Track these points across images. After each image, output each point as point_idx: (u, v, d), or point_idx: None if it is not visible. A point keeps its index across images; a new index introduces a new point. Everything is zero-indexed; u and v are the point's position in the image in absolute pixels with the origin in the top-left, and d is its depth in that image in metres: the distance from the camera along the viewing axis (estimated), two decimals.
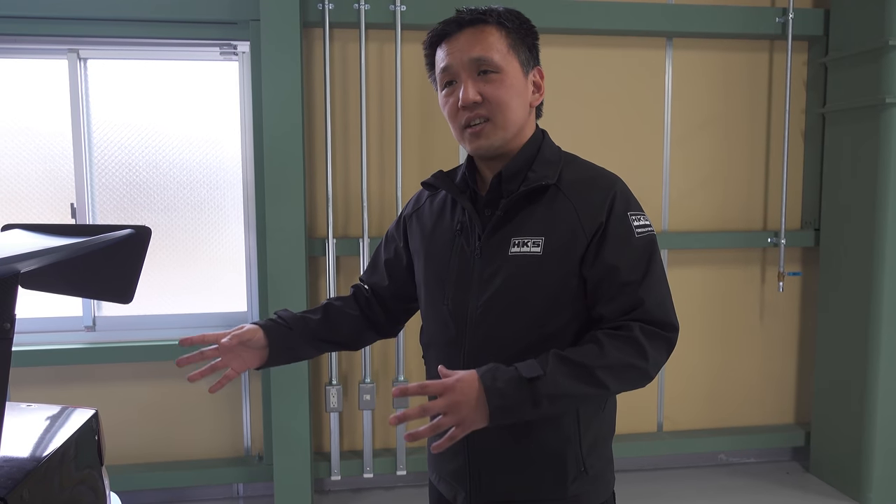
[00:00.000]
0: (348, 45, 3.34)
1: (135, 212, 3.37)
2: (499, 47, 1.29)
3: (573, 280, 1.28)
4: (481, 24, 1.30)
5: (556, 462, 1.32)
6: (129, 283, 1.89)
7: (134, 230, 1.82)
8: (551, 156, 1.36)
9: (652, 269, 1.28)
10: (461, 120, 1.31)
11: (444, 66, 1.32)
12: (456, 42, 1.30)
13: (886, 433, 3.31)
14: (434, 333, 1.42)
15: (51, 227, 1.90)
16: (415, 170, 3.44)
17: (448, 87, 1.33)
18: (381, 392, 3.49)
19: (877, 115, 3.20)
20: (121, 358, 3.30)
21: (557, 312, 1.29)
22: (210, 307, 3.47)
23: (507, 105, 1.29)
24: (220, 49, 3.29)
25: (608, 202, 1.28)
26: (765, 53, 3.68)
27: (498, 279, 1.30)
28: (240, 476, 3.42)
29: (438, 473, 1.48)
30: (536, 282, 1.28)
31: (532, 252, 1.28)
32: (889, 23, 3.12)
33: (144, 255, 1.94)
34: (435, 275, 1.41)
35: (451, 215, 1.41)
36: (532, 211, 1.30)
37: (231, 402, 3.48)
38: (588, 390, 1.20)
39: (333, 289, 3.33)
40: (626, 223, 1.28)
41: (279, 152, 3.11)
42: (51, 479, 1.46)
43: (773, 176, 3.75)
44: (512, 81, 1.30)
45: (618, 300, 1.26)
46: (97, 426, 1.80)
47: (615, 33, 3.49)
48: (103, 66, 3.30)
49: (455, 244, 1.38)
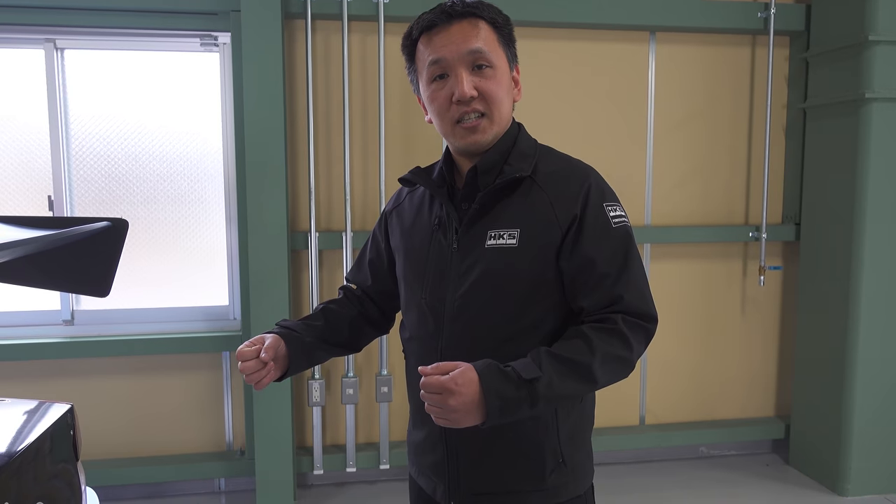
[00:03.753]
0: (331, 37, 3.31)
1: (114, 204, 3.33)
2: (492, 42, 1.29)
3: (550, 272, 1.29)
4: (474, 17, 1.28)
5: (534, 454, 1.33)
6: (106, 277, 1.87)
7: (111, 223, 1.79)
8: (527, 148, 1.36)
9: (630, 260, 1.29)
10: (454, 114, 1.30)
11: (435, 59, 1.29)
12: (447, 34, 1.28)
13: (863, 426, 3.34)
14: (413, 327, 1.42)
15: (27, 219, 1.87)
16: (398, 163, 3.43)
17: (439, 79, 1.31)
18: (363, 386, 3.48)
19: (856, 110, 3.23)
20: (100, 352, 3.26)
21: (535, 304, 1.29)
22: (191, 301, 3.44)
23: (501, 100, 1.30)
24: (201, 40, 3.25)
25: (583, 193, 1.29)
26: (747, 48, 3.70)
27: (475, 272, 1.30)
28: (222, 470, 3.39)
29: (418, 467, 1.48)
30: (513, 274, 1.28)
31: (508, 244, 1.28)
32: (869, 18, 3.15)
33: (121, 248, 1.91)
34: (413, 270, 1.42)
35: (430, 210, 1.42)
36: (508, 203, 1.31)
37: (213, 396, 3.46)
38: (581, 387, 1.22)
39: (316, 282, 3.31)
40: (603, 214, 1.29)
41: (261, 145, 3.08)
42: (24, 474, 1.43)
43: (754, 171, 3.77)
44: (503, 77, 1.30)
45: (597, 292, 1.27)
46: (73, 421, 1.78)
47: (599, 27, 3.49)
48: (81, 56, 3.25)
49: (433, 239, 1.38)
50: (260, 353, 1.31)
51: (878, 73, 3.15)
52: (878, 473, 3.38)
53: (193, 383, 3.43)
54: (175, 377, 3.41)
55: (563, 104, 3.54)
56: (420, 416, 1.42)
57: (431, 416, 1.16)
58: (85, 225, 1.67)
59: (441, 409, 1.13)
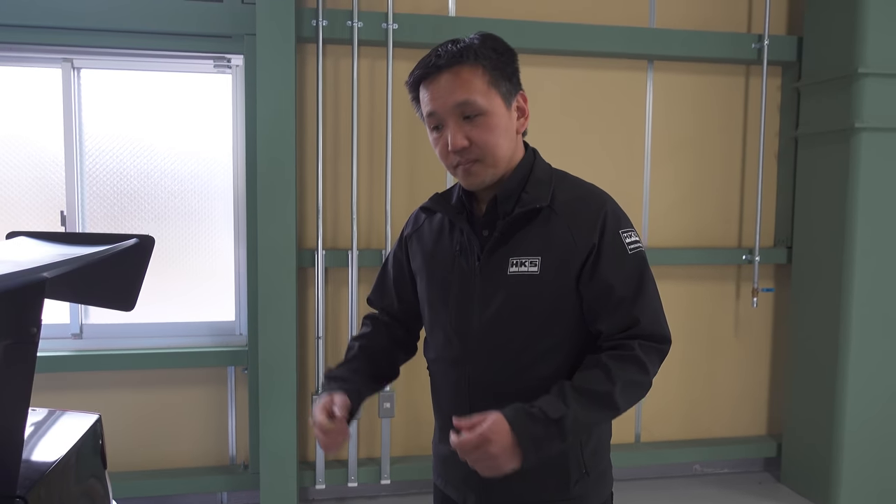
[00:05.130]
0: (341, 61, 3.41)
1: (125, 221, 3.40)
2: (479, 87, 1.30)
3: (570, 297, 1.35)
4: (458, 65, 1.30)
5: (559, 467, 1.39)
6: (132, 291, 1.94)
7: (138, 239, 1.87)
8: (543, 175, 1.41)
9: (645, 285, 1.35)
10: (452, 161, 1.35)
11: (429, 112, 1.34)
12: (437, 86, 1.32)
13: (854, 444, 3.44)
14: (438, 349, 1.48)
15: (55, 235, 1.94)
16: (403, 183, 3.52)
17: (436, 130, 1.36)
18: (366, 402, 3.53)
19: (846, 139, 3.36)
20: (108, 366, 3.31)
21: (556, 327, 1.35)
22: (198, 316, 3.50)
23: (494, 145, 1.33)
24: (214, 62, 3.34)
25: (600, 221, 1.34)
26: (741, 77, 3.83)
27: (498, 298, 1.36)
28: (225, 484, 3.43)
29: (445, 479, 1.54)
30: (535, 300, 1.34)
31: (530, 272, 1.33)
32: (858, 51, 3.29)
33: (147, 264, 1.99)
34: (437, 295, 1.46)
35: (450, 236, 1.45)
36: (528, 231, 1.35)
37: (217, 410, 3.51)
38: (605, 415, 1.31)
39: (322, 299, 3.38)
40: (619, 241, 1.34)
41: (272, 164, 3.16)
42: (64, 480, 1.50)
43: (747, 195, 3.89)
44: (497, 121, 1.32)
45: (615, 316, 1.33)
46: (101, 431, 1.84)
47: (599, 55, 3.61)
48: (97, 75, 3.33)
49: (455, 265, 1.42)
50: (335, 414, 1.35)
51: (867, 104, 3.28)
52: (868, 491, 3.47)
53: (199, 397, 3.48)
54: (181, 391, 3.46)
55: (564, 129, 3.65)
56: (447, 430, 1.45)
57: (477, 470, 1.22)
58: (118, 243, 1.74)
59: (483, 460, 1.20)
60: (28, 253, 1.60)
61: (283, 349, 3.23)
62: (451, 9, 3.48)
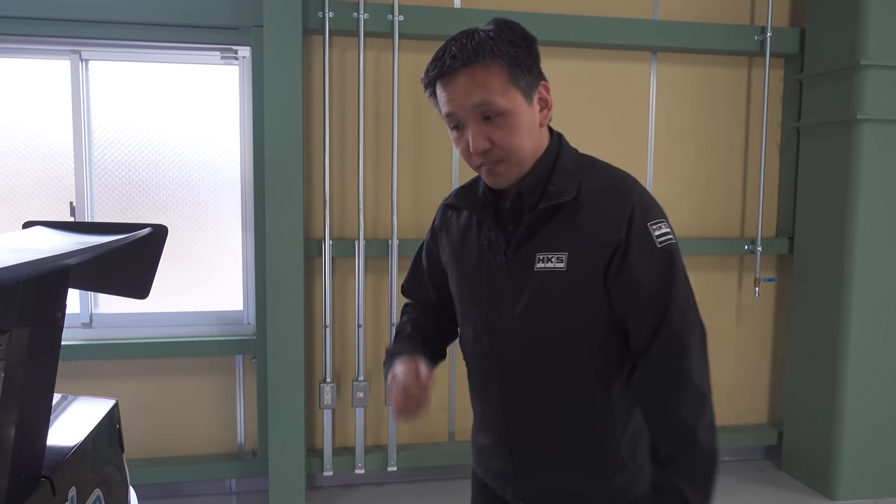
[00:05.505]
0: (347, 53, 3.44)
1: (133, 211, 3.43)
2: (497, 87, 1.24)
3: (598, 293, 1.30)
4: (474, 64, 1.23)
5: (594, 459, 1.37)
6: (147, 280, 1.98)
7: (152, 228, 1.91)
8: (569, 164, 1.35)
9: (675, 280, 1.29)
10: (475, 162, 1.31)
11: (447, 112, 1.28)
12: (454, 86, 1.25)
13: (853, 432, 3.48)
14: (470, 344, 1.47)
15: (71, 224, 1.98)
16: (409, 173, 3.56)
17: (456, 130, 1.31)
18: (373, 390, 3.59)
19: (848, 130, 3.39)
20: (117, 355, 3.35)
21: (585, 324, 1.32)
22: (206, 306, 3.54)
23: (517, 145, 1.28)
24: (221, 53, 3.37)
25: (627, 214, 1.29)
26: (744, 69, 3.86)
27: (526, 295, 1.32)
28: (233, 471, 3.49)
29: (484, 468, 1.53)
30: (562, 296, 1.30)
31: (556, 268, 1.29)
32: (860, 43, 3.31)
33: (161, 253, 2.02)
34: (467, 290, 1.44)
35: (478, 231, 1.42)
36: (554, 226, 1.31)
37: (226, 398, 3.55)
38: (714, 468, 1.27)
39: (329, 289, 3.42)
40: (647, 235, 1.29)
41: (279, 155, 3.19)
42: (84, 462, 1.54)
43: (750, 186, 3.93)
44: (518, 120, 1.26)
45: (644, 314, 1.29)
46: (118, 416, 1.89)
47: (603, 47, 3.63)
48: (105, 67, 3.36)
49: (483, 261, 1.39)
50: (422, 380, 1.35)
51: (868, 96, 3.31)
52: (868, 478, 3.52)
53: (208, 386, 3.52)
54: (190, 380, 3.50)
55: (568, 120, 3.67)
56: (485, 421, 1.48)
57: None
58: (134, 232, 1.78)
59: None
60: (48, 241, 1.64)
61: (290, 338, 3.27)
62: (457, 1, 3.51)
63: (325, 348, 3.46)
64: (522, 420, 1.39)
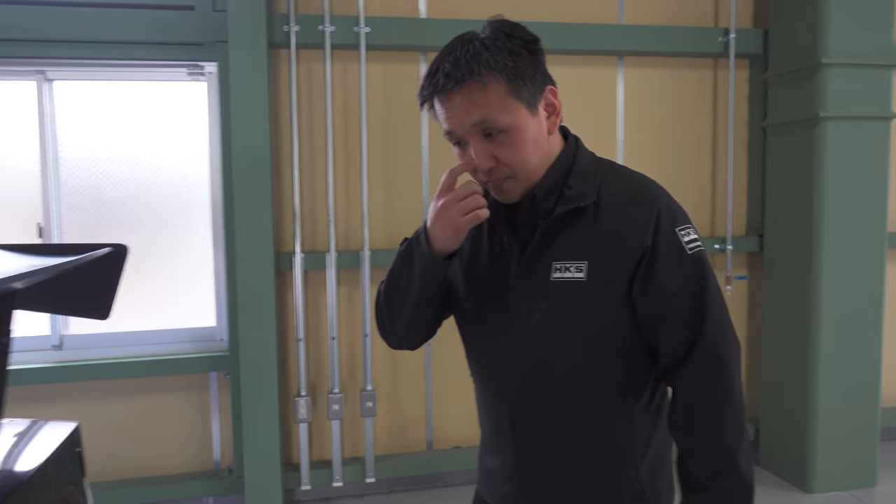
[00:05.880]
0: (314, 66, 3.44)
1: (103, 230, 3.40)
2: (497, 103, 1.15)
3: (622, 306, 1.20)
4: (469, 81, 1.14)
5: (611, 486, 1.27)
6: (107, 300, 1.96)
7: (112, 248, 1.90)
8: (587, 167, 1.26)
9: (707, 289, 1.19)
10: (481, 178, 1.22)
11: (447, 130, 1.20)
12: (451, 104, 1.16)
13: (827, 426, 3.51)
14: (477, 362, 1.36)
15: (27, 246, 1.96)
16: (380, 185, 3.56)
17: (457, 146, 1.23)
18: (348, 402, 3.58)
19: (811, 128, 3.43)
20: (89, 376, 3.31)
21: (605, 338, 1.22)
22: (179, 323, 3.51)
23: (524, 161, 1.19)
24: (188, 70, 3.36)
25: (653, 220, 1.18)
26: (710, 70, 3.90)
27: (541, 306, 1.22)
28: (210, 489, 3.45)
29: (490, 491, 1.42)
30: (583, 308, 1.20)
31: (575, 277, 1.19)
32: (821, 42, 3.35)
33: (122, 273, 2.01)
34: (476, 301, 1.32)
35: (489, 235, 1.31)
36: (572, 232, 1.21)
37: (200, 416, 3.52)
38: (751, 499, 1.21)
39: (301, 302, 3.41)
40: (676, 241, 1.18)
41: (247, 169, 3.18)
42: (40, 490, 1.52)
43: (719, 186, 3.96)
44: (523, 134, 1.17)
45: (675, 328, 1.19)
46: (79, 438, 1.86)
47: (570, 52, 3.66)
48: (71, 86, 3.33)
49: (494, 269, 1.29)
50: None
51: (830, 94, 3.36)
52: (843, 471, 3.55)
53: (182, 404, 3.50)
54: (164, 398, 3.47)
55: None
56: (495, 442, 1.37)
57: None
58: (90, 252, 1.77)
59: None
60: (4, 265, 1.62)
61: (263, 353, 3.26)
62: (422, 11, 3.52)
63: (299, 362, 3.44)
64: (533, 442, 1.29)
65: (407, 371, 3.66)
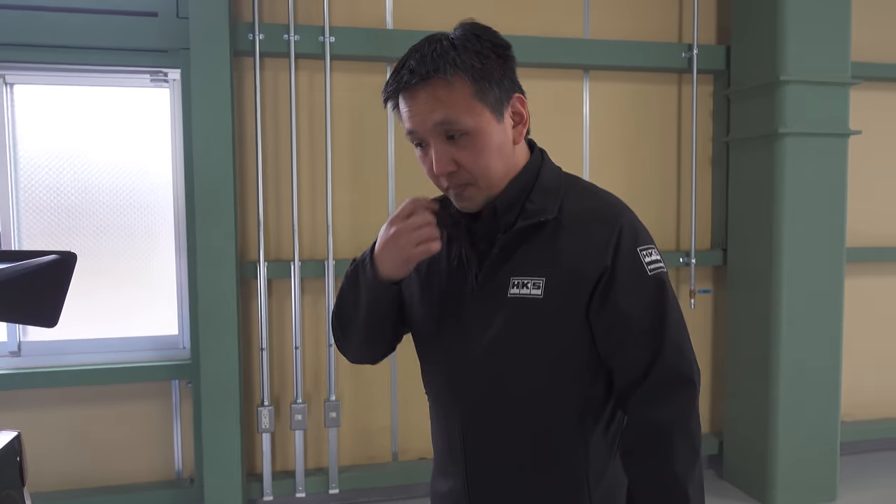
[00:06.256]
0: (279, 74, 3.44)
1: (63, 236, 3.37)
2: (461, 103, 1.12)
3: (578, 326, 1.17)
4: (434, 78, 1.11)
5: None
6: (55, 308, 1.94)
7: (59, 255, 1.88)
8: (551, 181, 1.23)
9: (667, 311, 1.16)
10: (441, 184, 1.19)
11: (408, 129, 1.17)
12: (415, 101, 1.13)
13: (788, 441, 3.54)
14: (431, 379, 1.33)
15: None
16: (345, 194, 3.56)
17: (419, 147, 1.19)
18: (312, 412, 3.56)
19: (771, 144, 3.48)
20: (48, 383, 3.27)
21: (562, 361, 1.19)
22: (141, 331, 3.48)
23: (485, 167, 1.15)
24: (151, 76, 3.35)
25: (614, 239, 1.16)
26: (674, 86, 3.95)
27: (497, 322, 1.19)
28: (171, 499, 3.42)
29: None
30: (538, 326, 1.17)
31: (532, 294, 1.16)
32: (780, 60, 3.41)
33: (69, 280, 1.99)
34: (430, 314, 1.28)
35: (448, 247, 1.27)
36: (532, 247, 1.18)
37: (162, 425, 3.49)
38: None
39: (265, 311, 3.40)
40: (636, 261, 1.16)
41: (209, 177, 3.18)
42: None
43: (683, 199, 4.01)
44: (486, 140, 1.14)
45: (632, 350, 1.16)
46: (20, 447, 1.84)
47: (536, 66, 3.69)
48: (31, 90, 3.31)
49: (451, 281, 1.25)
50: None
51: (789, 110, 3.41)
52: (804, 485, 3.58)
53: (143, 412, 3.46)
54: (125, 406, 3.44)
55: None
56: (445, 465, 1.33)
57: None
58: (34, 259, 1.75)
59: None
60: None
61: (225, 361, 3.24)
62: (389, 22, 3.54)
63: (262, 371, 3.43)
64: (485, 466, 1.25)
65: (372, 381, 3.65)
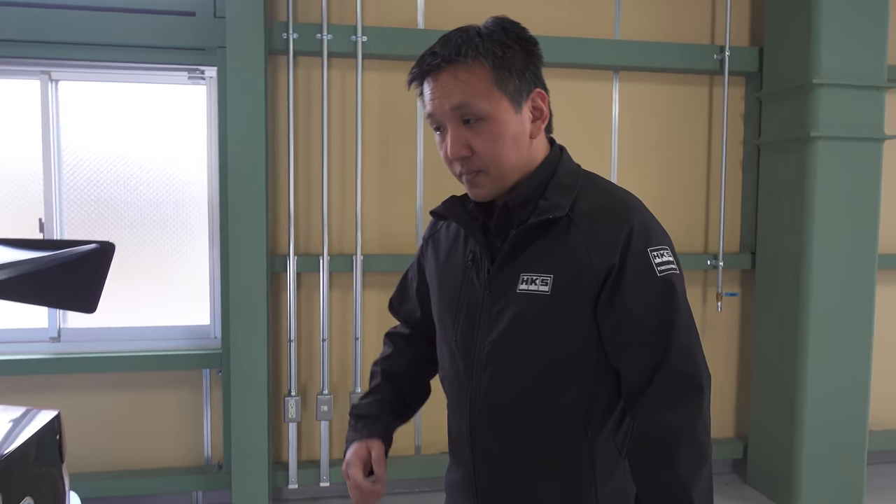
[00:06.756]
0: (312, 72, 3.52)
1: (102, 227, 3.49)
2: (480, 89, 1.14)
3: (585, 325, 1.17)
4: (455, 62, 1.14)
5: None
6: (93, 295, 2.04)
7: (99, 245, 1.97)
8: (567, 179, 1.23)
9: (675, 313, 1.15)
10: (455, 169, 1.21)
11: (427, 113, 1.20)
12: (437, 84, 1.16)
13: (813, 446, 3.51)
14: (445, 369, 1.36)
15: (19, 241, 2.04)
16: (374, 190, 3.62)
17: (438, 132, 1.21)
18: (338, 403, 3.63)
19: (803, 147, 3.45)
20: (85, 368, 3.39)
21: (571, 360, 1.19)
22: (174, 320, 3.59)
23: (498, 155, 1.16)
24: (189, 74, 3.44)
25: (623, 238, 1.15)
26: (705, 87, 3.93)
27: (505, 317, 1.20)
28: (199, 484, 3.52)
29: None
30: (546, 323, 1.17)
31: (540, 291, 1.16)
32: (814, 63, 3.38)
33: (108, 269, 2.09)
34: (446, 308, 1.32)
35: (464, 244, 1.30)
36: (543, 244, 1.18)
37: (192, 411, 3.59)
38: None
39: (294, 303, 3.48)
40: (646, 261, 1.15)
41: (243, 173, 3.26)
42: (15, 471, 1.59)
43: (712, 202, 3.99)
44: (501, 127, 1.15)
45: (640, 353, 1.15)
46: (59, 427, 1.93)
47: (566, 66, 3.70)
48: (75, 87, 3.43)
49: (466, 276, 1.28)
50: (377, 472, 1.31)
51: (821, 114, 3.38)
52: (829, 490, 3.54)
53: (174, 399, 3.57)
54: (157, 393, 3.55)
55: None
56: (457, 456, 1.36)
57: None
58: (75, 247, 1.84)
59: None
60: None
61: (254, 352, 3.32)
62: (420, 22, 3.59)
63: (290, 362, 3.51)
64: (491, 461, 1.26)
65: None
